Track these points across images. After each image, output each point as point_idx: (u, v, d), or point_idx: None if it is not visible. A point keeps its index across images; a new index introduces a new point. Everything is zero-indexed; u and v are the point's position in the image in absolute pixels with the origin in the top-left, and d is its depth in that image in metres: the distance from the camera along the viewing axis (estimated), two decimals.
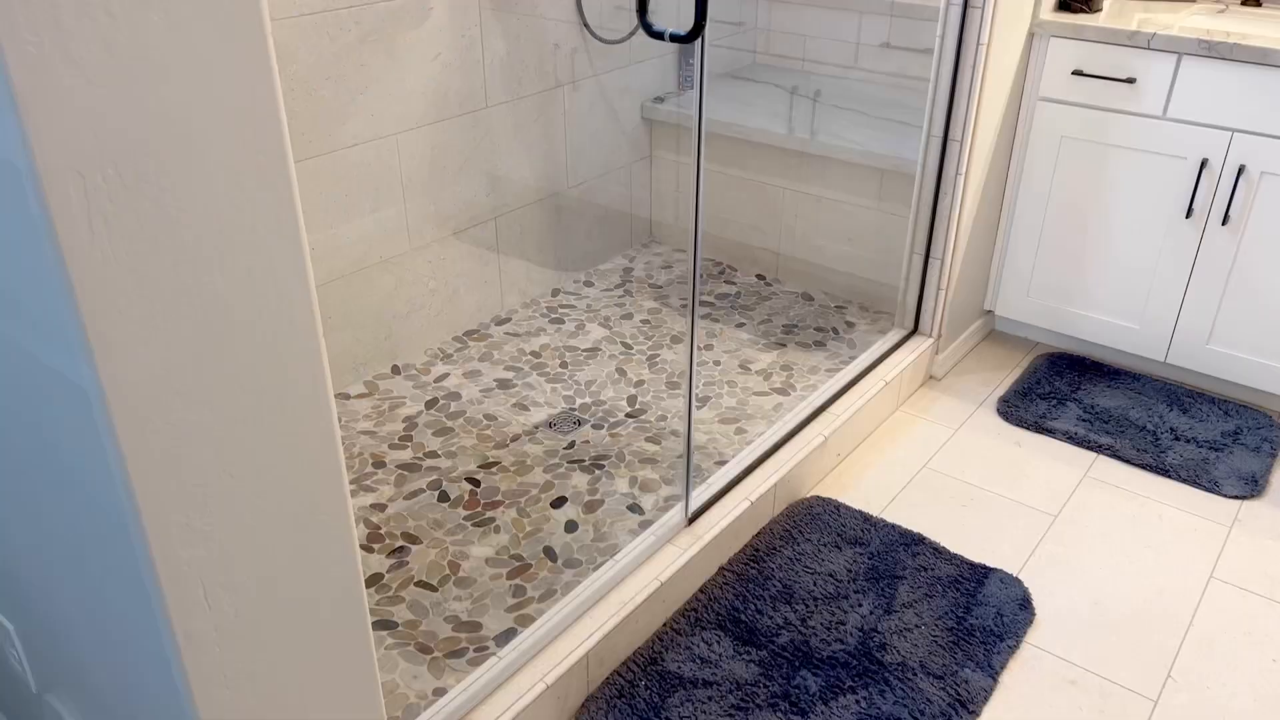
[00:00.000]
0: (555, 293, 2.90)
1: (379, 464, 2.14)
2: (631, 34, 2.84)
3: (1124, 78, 2.27)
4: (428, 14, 2.27)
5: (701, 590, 1.85)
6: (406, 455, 2.17)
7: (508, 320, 2.74)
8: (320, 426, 0.99)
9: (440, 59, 2.34)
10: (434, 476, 2.10)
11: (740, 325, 2.76)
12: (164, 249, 0.81)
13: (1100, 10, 2.38)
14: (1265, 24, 2.39)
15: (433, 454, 2.17)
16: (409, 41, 2.25)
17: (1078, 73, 2.32)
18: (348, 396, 2.36)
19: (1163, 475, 2.21)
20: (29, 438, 0.98)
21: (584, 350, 2.61)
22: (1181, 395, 2.47)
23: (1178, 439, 2.31)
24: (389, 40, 2.20)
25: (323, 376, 0.98)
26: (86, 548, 1.00)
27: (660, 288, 2.95)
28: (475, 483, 2.08)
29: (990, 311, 2.76)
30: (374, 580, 1.83)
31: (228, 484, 0.92)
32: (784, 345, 2.65)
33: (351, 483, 2.08)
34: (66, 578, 1.10)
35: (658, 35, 1.40)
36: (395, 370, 2.47)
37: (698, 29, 1.37)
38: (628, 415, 2.32)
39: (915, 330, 2.56)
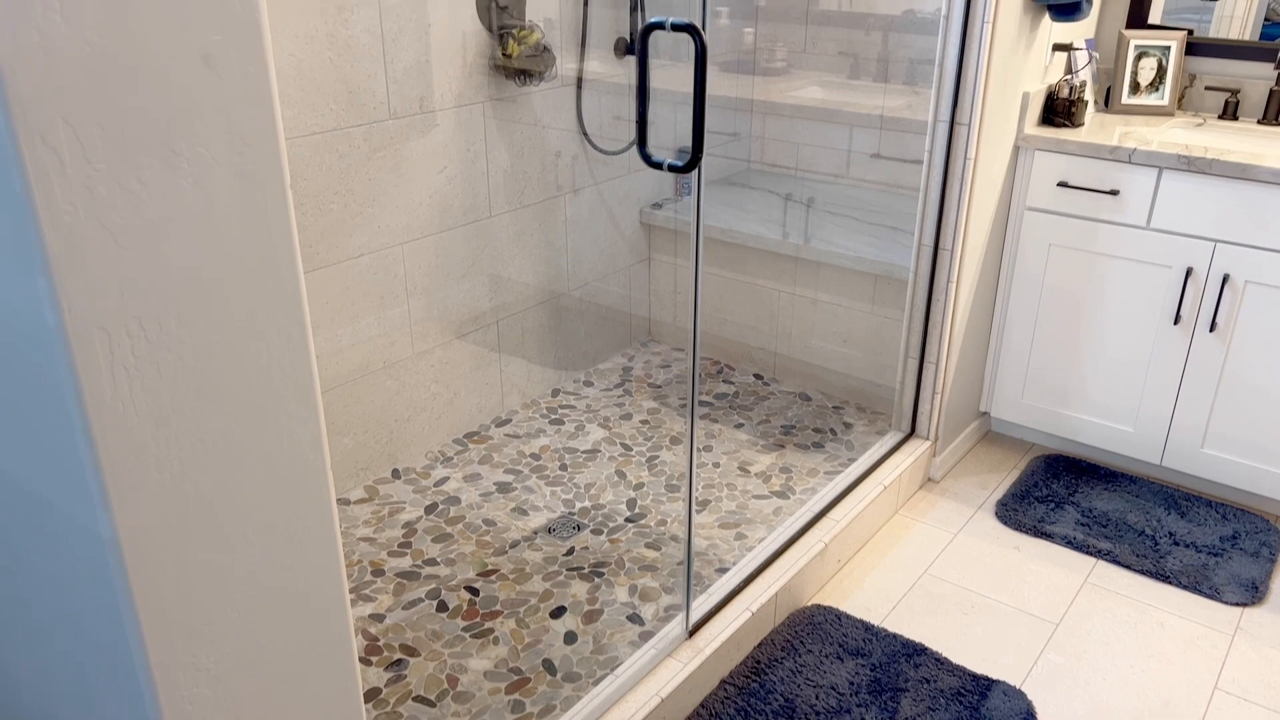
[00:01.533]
0: (555, 393, 2.93)
1: (378, 572, 2.14)
2: (630, 145, 2.94)
3: (1107, 189, 2.35)
4: (434, 129, 2.35)
5: (703, 705, 1.83)
6: (405, 563, 2.16)
7: (508, 421, 2.76)
8: (326, 561, 1.01)
9: (445, 172, 2.42)
10: (433, 585, 2.10)
11: (739, 425, 2.78)
12: (182, 398, 0.84)
13: (1082, 125, 2.47)
14: (1242, 138, 2.48)
15: (431, 561, 2.17)
16: (415, 156, 2.33)
17: (1063, 184, 2.40)
18: (348, 502, 2.37)
19: (1163, 581, 2.21)
20: (37, 575, 1.00)
21: (583, 452, 2.62)
22: (1179, 498, 2.48)
23: (1176, 544, 2.31)
24: (396, 155, 2.28)
25: (329, 511, 1.00)
26: (90, 683, 1.00)
27: (659, 387, 2.98)
28: (474, 591, 2.08)
29: (986, 413, 2.78)
30: (372, 695, 1.82)
31: (233, 620, 0.93)
32: (783, 446, 2.67)
33: (350, 592, 2.07)
34: (68, 712, 1.10)
35: (656, 165, 1.45)
36: (395, 474, 2.48)
37: (695, 160, 1.43)
38: (627, 520, 2.33)
39: (912, 432, 2.58)
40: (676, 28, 1.35)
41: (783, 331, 3.03)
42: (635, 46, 2.79)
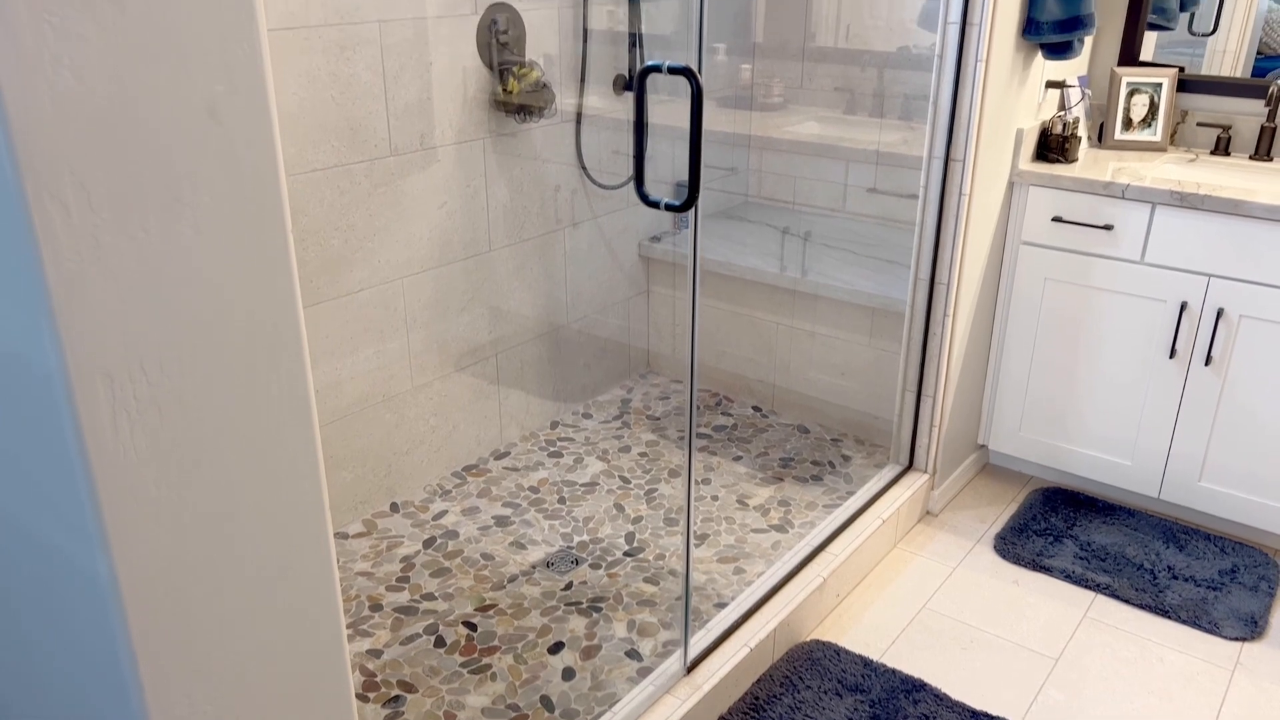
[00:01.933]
0: (554, 425, 2.94)
1: (376, 606, 2.13)
2: (628, 181, 2.96)
3: (1102, 224, 2.37)
4: (434, 164, 2.38)
5: None
6: (404, 598, 2.16)
7: (506, 454, 2.77)
8: (324, 599, 1.01)
9: (446, 207, 2.44)
10: (430, 620, 2.09)
11: (738, 458, 2.79)
12: (182, 440, 0.85)
13: (1076, 160, 2.50)
14: (1234, 173, 2.50)
15: (430, 596, 2.17)
16: (416, 191, 2.35)
17: (1057, 219, 2.42)
18: (346, 536, 2.37)
19: (1162, 616, 2.21)
20: (35, 614, 1.00)
21: (582, 485, 2.62)
22: (1177, 532, 2.48)
23: (1175, 577, 2.31)
24: (397, 190, 2.30)
25: (328, 551, 1.00)
26: None
27: (658, 419, 2.99)
28: (472, 627, 2.07)
29: (984, 446, 2.79)
30: None
31: (230, 659, 0.94)
32: (781, 479, 2.67)
33: (348, 627, 2.07)
34: None
35: (654, 205, 1.47)
36: (394, 508, 2.48)
37: (691, 200, 1.45)
38: (625, 554, 2.33)
39: (911, 465, 2.59)
40: (673, 71, 1.37)
41: (781, 364, 3.04)
42: (633, 87, 2.83)
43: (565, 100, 2.73)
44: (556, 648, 2.01)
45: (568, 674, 1.94)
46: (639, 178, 1.51)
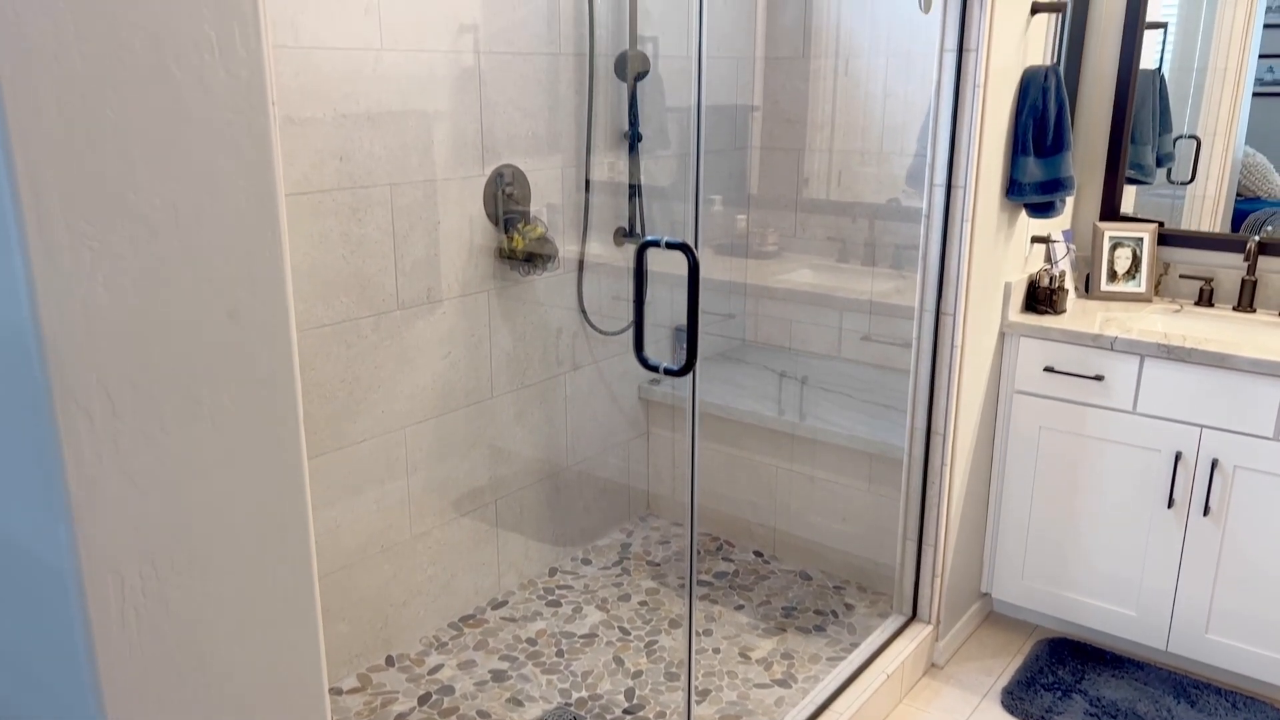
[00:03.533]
0: (553, 572, 2.91)
1: None
2: (629, 327, 3.03)
3: (1093, 375, 2.42)
4: (440, 316, 2.44)
5: None
6: None
7: (504, 603, 2.73)
8: None
9: (450, 356, 2.49)
10: None
11: (739, 607, 2.75)
12: (187, 632, 0.85)
13: (1064, 311, 2.57)
14: (1219, 324, 2.56)
15: None
16: (421, 342, 2.41)
17: (1049, 369, 2.47)
18: (340, 691, 2.32)
19: None
20: None
21: (580, 636, 2.58)
22: (1188, 686, 2.42)
23: None
24: (402, 343, 2.36)
25: None
26: None
27: (658, 565, 2.96)
28: None
29: (987, 594, 2.76)
30: None
31: None
32: (784, 630, 2.63)
33: None
34: None
35: (653, 369, 1.51)
36: (389, 662, 2.44)
37: (689, 365, 1.49)
38: (625, 712, 2.27)
39: (914, 615, 2.55)
40: (671, 246, 1.43)
41: (781, 508, 3.04)
42: (631, 263, 2.93)
43: (568, 247, 2.82)
44: None
45: None
46: (639, 343, 1.55)
